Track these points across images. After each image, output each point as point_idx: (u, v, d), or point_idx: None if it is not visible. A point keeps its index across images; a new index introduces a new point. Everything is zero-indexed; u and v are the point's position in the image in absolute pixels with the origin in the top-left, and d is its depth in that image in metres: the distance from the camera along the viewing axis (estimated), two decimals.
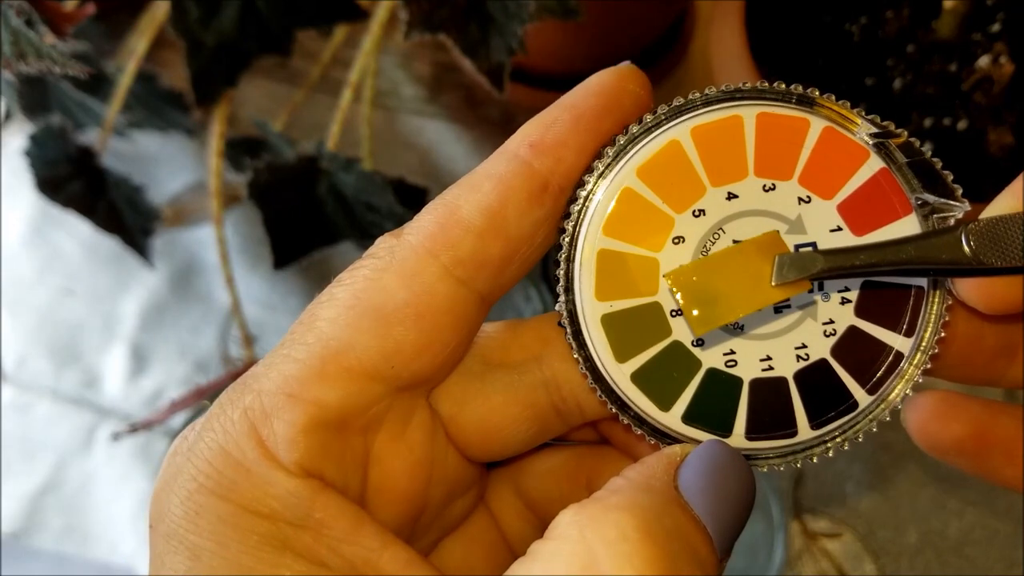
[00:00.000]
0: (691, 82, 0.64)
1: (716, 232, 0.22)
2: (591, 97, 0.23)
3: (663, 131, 0.22)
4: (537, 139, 0.22)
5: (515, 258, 0.22)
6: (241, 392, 0.22)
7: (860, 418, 0.23)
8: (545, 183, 0.22)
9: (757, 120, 0.22)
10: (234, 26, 0.49)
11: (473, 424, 0.24)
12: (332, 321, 0.22)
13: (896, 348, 0.22)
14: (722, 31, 0.45)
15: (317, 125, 0.60)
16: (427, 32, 0.44)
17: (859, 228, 0.22)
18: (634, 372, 0.22)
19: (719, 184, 0.22)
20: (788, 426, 0.23)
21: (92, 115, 0.55)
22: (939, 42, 0.45)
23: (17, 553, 0.54)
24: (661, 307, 0.22)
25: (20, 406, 0.57)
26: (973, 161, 0.44)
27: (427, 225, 0.22)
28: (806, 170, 0.22)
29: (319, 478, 0.21)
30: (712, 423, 0.23)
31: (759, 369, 0.23)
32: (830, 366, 0.23)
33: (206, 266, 0.60)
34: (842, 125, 0.22)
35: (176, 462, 0.22)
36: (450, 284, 0.22)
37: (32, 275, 0.60)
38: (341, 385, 0.21)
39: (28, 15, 0.38)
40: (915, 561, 0.53)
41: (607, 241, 0.22)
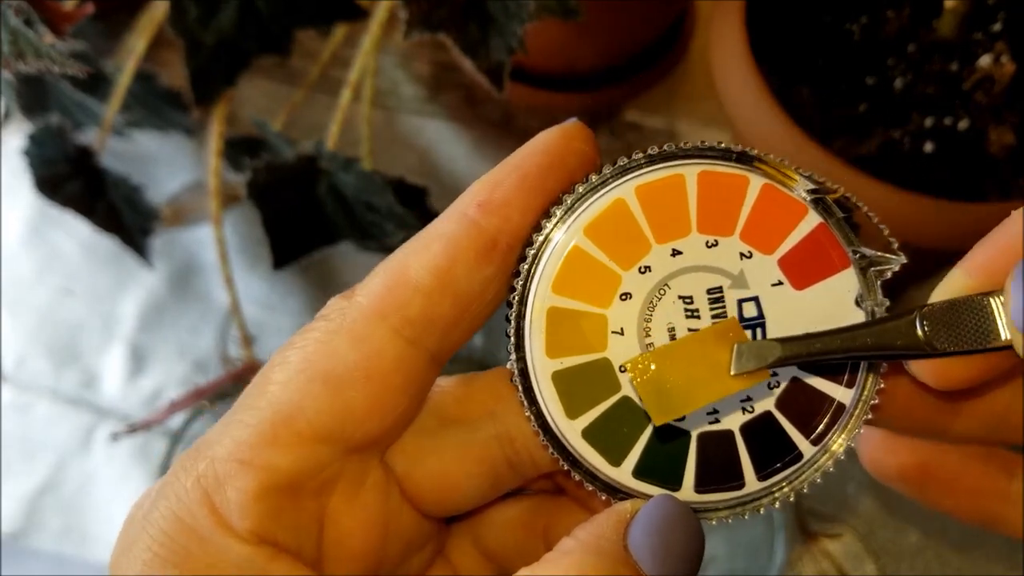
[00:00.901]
0: (691, 82, 0.64)
1: (662, 288, 0.23)
2: (537, 156, 0.23)
3: (608, 190, 0.23)
4: (485, 199, 0.23)
5: (465, 316, 0.23)
6: (195, 459, 0.22)
7: (805, 468, 0.23)
8: (493, 241, 0.22)
9: (699, 178, 0.23)
10: (233, 25, 0.49)
11: (428, 481, 0.24)
12: (283, 385, 0.22)
13: (838, 399, 0.23)
14: (722, 31, 0.45)
15: (316, 125, 0.60)
16: (427, 31, 0.44)
17: (799, 282, 0.23)
18: (585, 428, 0.23)
19: (664, 241, 0.23)
20: (736, 478, 0.23)
21: (91, 115, 0.55)
22: (940, 41, 0.45)
23: (16, 553, 0.54)
24: (610, 363, 0.23)
25: (19, 406, 0.57)
26: (974, 161, 0.44)
27: (377, 287, 0.22)
28: (747, 226, 0.23)
29: (273, 544, 0.22)
30: (662, 477, 0.23)
31: (706, 422, 0.23)
32: (775, 418, 0.23)
33: (205, 266, 0.60)
34: (781, 182, 0.23)
35: (132, 530, 0.22)
36: (399, 345, 0.22)
37: (31, 275, 0.60)
38: (292, 449, 0.22)
39: (27, 14, 0.38)
40: (915, 561, 0.52)
41: (556, 299, 0.23)
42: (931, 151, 0.44)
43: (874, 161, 0.44)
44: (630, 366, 0.23)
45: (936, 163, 0.44)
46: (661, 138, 0.62)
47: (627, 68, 0.62)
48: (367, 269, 0.63)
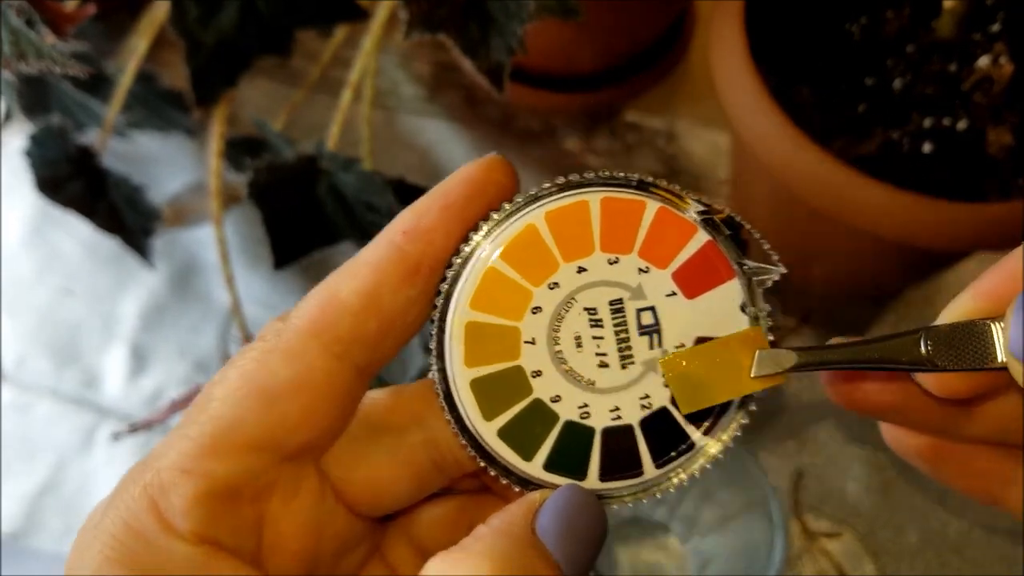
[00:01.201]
0: (691, 82, 0.64)
1: (569, 301, 0.25)
2: (460, 186, 0.25)
3: (521, 216, 0.25)
4: (410, 227, 0.25)
5: (390, 334, 0.25)
6: (141, 471, 0.24)
7: (697, 456, 0.26)
8: (417, 265, 0.25)
9: (601, 204, 0.25)
10: (234, 26, 0.49)
11: (361, 484, 0.26)
12: (223, 400, 0.24)
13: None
14: (721, 31, 0.45)
15: (317, 125, 0.60)
16: (427, 32, 0.44)
17: (690, 292, 0.25)
18: (500, 428, 0.25)
19: (570, 260, 0.25)
20: (636, 467, 0.26)
21: (92, 115, 0.55)
22: (939, 42, 0.45)
23: (16, 553, 0.54)
24: (523, 370, 0.25)
25: (20, 406, 0.57)
26: (973, 161, 0.44)
27: (309, 309, 0.25)
28: (644, 244, 0.25)
29: (214, 543, 0.24)
30: (570, 469, 0.26)
31: (609, 419, 0.26)
32: (670, 413, 0.26)
33: (206, 266, 0.60)
34: (674, 205, 0.25)
35: (85, 538, 0.24)
36: (329, 361, 0.24)
37: (32, 275, 0.60)
38: (231, 459, 0.24)
39: (28, 15, 0.38)
40: (915, 561, 0.53)
41: (473, 314, 0.25)
42: (930, 151, 0.44)
43: (873, 161, 0.44)
44: (663, 363, 0.25)
45: (935, 163, 0.44)
46: (661, 138, 0.62)
47: (627, 68, 0.62)
48: None
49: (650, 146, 0.62)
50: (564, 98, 0.61)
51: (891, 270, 0.53)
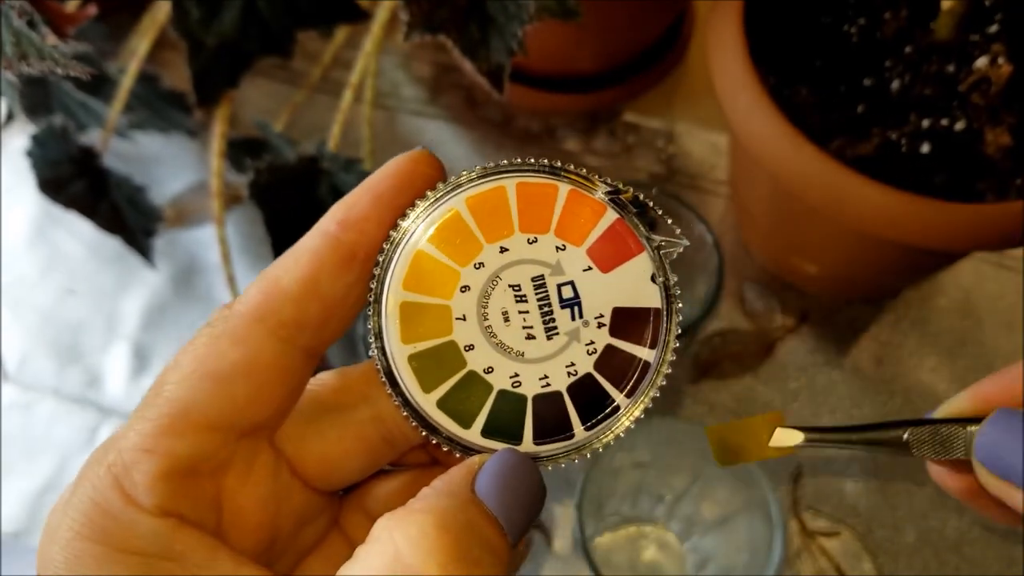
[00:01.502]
0: (690, 83, 0.64)
1: (494, 279, 0.27)
2: (388, 179, 0.27)
3: (444, 203, 0.27)
4: (343, 217, 0.27)
5: (332, 317, 0.26)
6: (104, 452, 0.25)
7: (622, 416, 0.28)
8: (352, 253, 0.26)
9: (517, 188, 0.27)
10: (235, 27, 0.49)
11: (314, 460, 0.28)
12: (178, 384, 0.26)
13: (643, 359, 0.28)
14: (720, 32, 0.45)
15: (318, 126, 0.60)
16: (427, 33, 0.44)
17: (605, 266, 0.27)
18: (439, 399, 0.27)
19: (492, 241, 0.27)
20: (566, 430, 0.28)
21: (94, 116, 0.56)
22: (937, 43, 0.45)
23: (18, 552, 0.54)
24: (456, 344, 0.27)
25: (22, 405, 0.57)
26: (970, 162, 0.44)
27: (254, 296, 0.26)
28: (559, 224, 0.27)
29: (177, 517, 0.25)
30: (506, 434, 0.27)
31: (539, 386, 0.27)
32: (594, 378, 0.28)
33: (207, 266, 0.60)
34: (584, 187, 0.27)
35: (55, 518, 0.25)
36: (275, 344, 0.26)
37: (34, 275, 0.61)
38: (188, 438, 0.25)
39: (30, 16, 0.38)
40: (913, 559, 0.53)
41: (406, 295, 0.27)
42: (928, 152, 0.44)
43: (872, 162, 0.44)
44: (709, 431, 0.31)
45: (933, 164, 0.44)
46: (660, 139, 0.62)
47: (626, 69, 0.62)
48: None
49: (649, 146, 0.62)
50: (564, 99, 0.62)
51: (889, 270, 0.53)
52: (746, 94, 0.44)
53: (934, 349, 0.57)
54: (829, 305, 0.58)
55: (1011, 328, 0.58)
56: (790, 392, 0.56)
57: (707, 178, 0.61)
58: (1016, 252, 0.59)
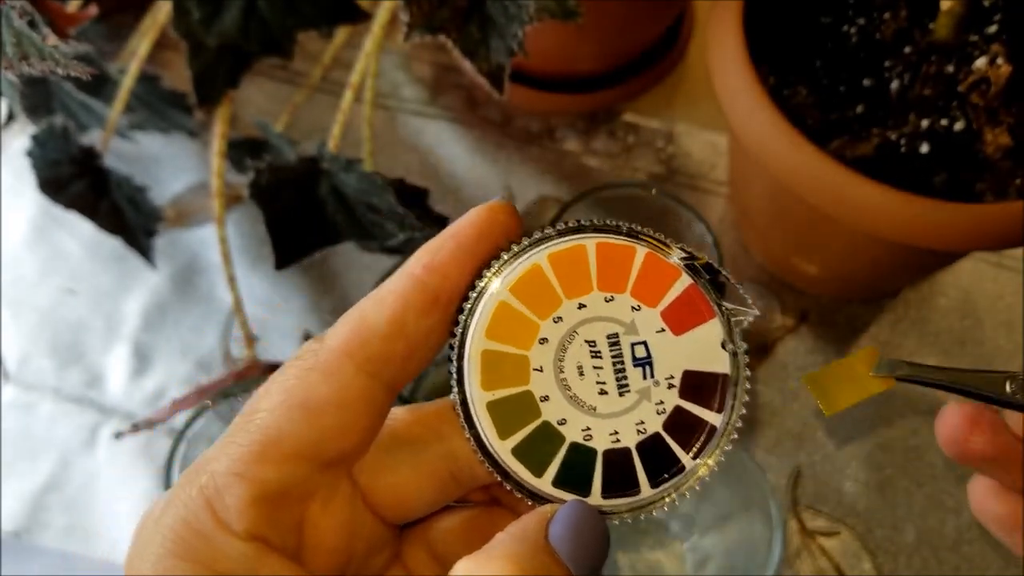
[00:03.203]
0: (690, 83, 0.64)
1: (572, 334, 0.28)
2: (469, 227, 0.28)
3: (528, 257, 0.28)
4: (428, 261, 0.28)
5: (415, 355, 0.28)
6: (197, 473, 0.26)
7: (688, 478, 0.29)
8: (436, 296, 0.27)
9: (597, 248, 0.28)
10: (236, 27, 0.49)
11: (386, 491, 0.29)
12: (269, 412, 0.27)
13: (711, 423, 0.28)
14: (719, 32, 0.45)
15: (318, 126, 0.60)
16: (427, 33, 0.44)
17: (677, 329, 0.28)
18: (514, 447, 0.28)
19: (572, 297, 0.28)
20: (633, 486, 0.28)
21: (95, 116, 0.56)
22: (936, 43, 0.45)
23: (20, 551, 0.54)
24: (533, 394, 0.28)
25: (23, 405, 0.57)
26: (969, 162, 0.44)
27: (343, 332, 0.27)
28: (636, 285, 0.28)
29: (264, 541, 0.26)
30: (575, 486, 0.28)
31: (610, 441, 0.28)
32: (663, 438, 0.28)
33: (208, 266, 0.60)
34: (660, 251, 0.28)
35: (145, 533, 0.26)
36: (363, 379, 0.27)
37: (35, 275, 0.61)
38: (279, 466, 0.26)
39: (31, 16, 0.38)
40: (912, 559, 0.53)
41: (488, 343, 0.28)
42: (927, 152, 0.44)
43: (871, 162, 0.44)
44: (806, 378, 0.31)
45: (932, 164, 0.44)
46: (659, 139, 0.62)
47: (626, 70, 0.62)
48: (368, 269, 0.63)
49: (649, 147, 0.62)
50: (564, 99, 0.62)
51: (888, 270, 0.53)
52: (746, 94, 0.44)
53: (934, 349, 0.57)
54: (829, 305, 0.58)
55: (1011, 328, 0.58)
56: (790, 392, 0.56)
57: (707, 178, 0.61)
58: (1015, 252, 0.59)
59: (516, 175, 0.61)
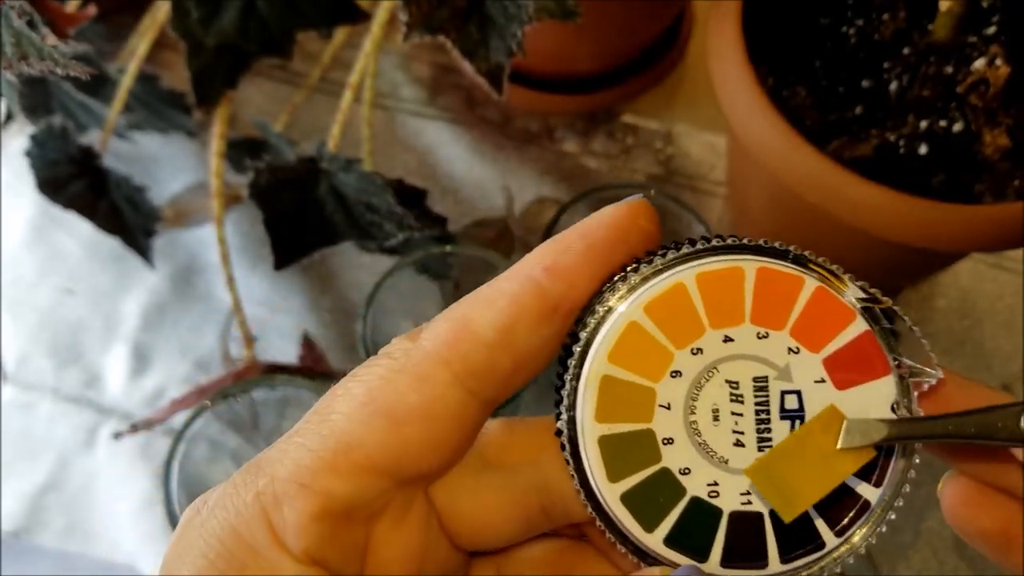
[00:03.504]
0: (689, 84, 0.64)
1: (711, 371, 0.24)
2: (604, 229, 0.24)
3: (671, 273, 0.24)
4: (551, 263, 0.24)
5: (521, 370, 0.24)
6: (255, 475, 0.23)
7: (825, 557, 0.24)
8: (556, 305, 0.24)
9: (757, 273, 0.24)
10: (235, 27, 0.49)
11: (466, 518, 0.25)
12: (346, 416, 0.23)
13: (865, 497, 0.24)
14: (719, 33, 0.45)
15: (317, 126, 0.60)
16: (426, 34, 0.44)
17: (841, 383, 0.24)
18: (624, 492, 0.24)
19: (717, 327, 0.24)
20: (760, 558, 0.24)
21: (93, 116, 0.56)
22: (935, 44, 0.45)
23: (19, 551, 0.54)
24: (654, 434, 0.24)
25: (21, 405, 0.57)
26: (968, 163, 0.44)
27: (442, 334, 0.23)
28: (797, 323, 0.24)
29: (322, 565, 0.23)
30: (691, 548, 0.24)
31: (739, 502, 0.24)
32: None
33: (207, 266, 0.60)
34: (832, 286, 0.24)
35: (189, 535, 0.23)
36: (459, 392, 0.23)
37: (33, 275, 0.61)
38: (350, 479, 0.23)
39: (30, 16, 0.38)
40: (912, 559, 0.53)
41: (610, 368, 0.24)
42: (926, 153, 0.44)
43: (869, 163, 0.44)
44: (751, 471, 0.24)
45: (931, 165, 0.44)
46: (658, 140, 0.62)
47: (625, 70, 0.62)
48: (367, 269, 0.63)
49: (648, 147, 0.62)
50: (562, 100, 0.62)
51: (887, 271, 0.53)
52: (745, 95, 0.44)
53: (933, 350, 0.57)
54: None
55: (1010, 328, 0.58)
56: None
57: (706, 179, 0.61)
58: (1014, 253, 0.59)
59: (515, 176, 0.61)
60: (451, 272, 0.52)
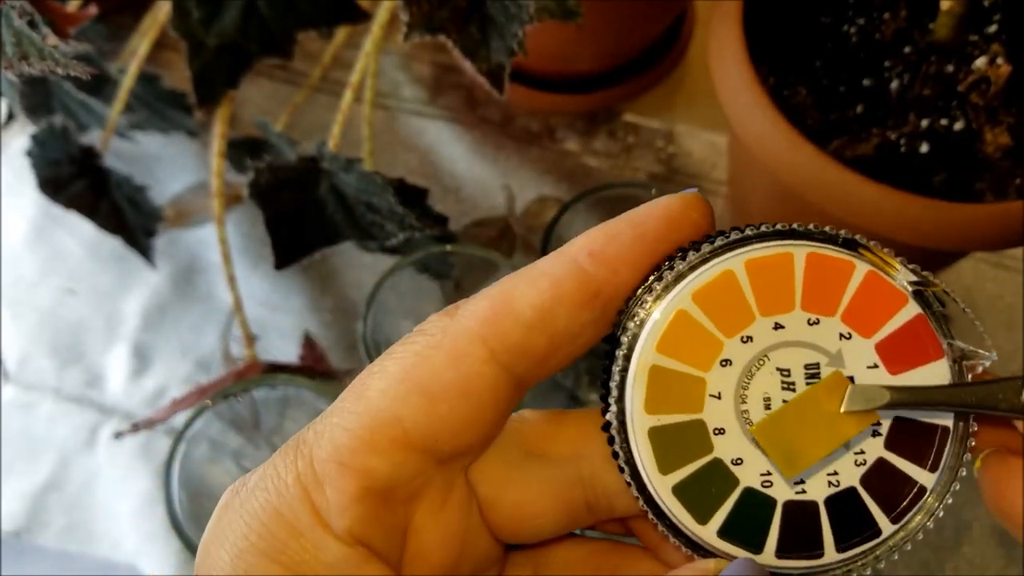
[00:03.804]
0: (690, 83, 0.64)
1: (761, 359, 0.24)
2: (655, 219, 0.24)
3: (720, 261, 0.24)
4: (597, 249, 0.23)
5: (557, 354, 0.24)
6: (294, 456, 0.23)
7: (882, 545, 0.24)
8: (598, 291, 0.23)
9: (807, 259, 0.24)
10: (235, 27, 0.49)
11: (508, 509, 0.25)
12: (382, 393, 0.23)
13: (920, 483, 0.24)
14: (720, 32, 0.45)
15: (318, 126, 0.60)
16: (427, 33, 0.44)
17: (893, 367, 0.24)
18: (675, 485, 0.24)
19: (767, 314, 0.24)
20: (816, 548, 0.24)
21: (94, 116, 0.56)
22: (936, 43, 0.45)
23: (20, 551, 0.54)
24: (705, 425, 0.24)
25: (23, 405, 0.57)
26: (969, 162, 0.44)
27: (481, 310, 0.23)
28: (848, 309, 0.24)
29: (366, 545, 0.22)
30: (745, 539, 0.24)
31: (793, 492, 0.24)
32: (859, 494, 0.24)
33: (208, 266, 0.60)
34: (883, 270, 0.24)
35: (228, 517, 0.23)
36: (495, 369, 0.23)
37: (34, 275, 0.61)
38: (389, 456, 0.23)
39: (31, 16, 0.38)
40: (913, 560, 0.53)
41: (659, 358, 0.23)
42: (927, 152, 0.44)
43: (870, 162, 0.44)
44: (757, 429, 0.24)
45: (932, 164, 0.44)
46: (659, 139, 0.62)
47: (626, 69, 0.62)
48: (368, 269, 0.63)
49: (649, 147, 0.62)
50: (563, 99, 0.62)
51: None
52: (746, 94, 0.44)
53: None
54: None
55: (1011, 328, 0.58)
56: None
57: (707, 178, 0.61)
58: (1015, 252, 0.59)
59: (516, 175, 0.61)
60: (452, 272, 0.52)
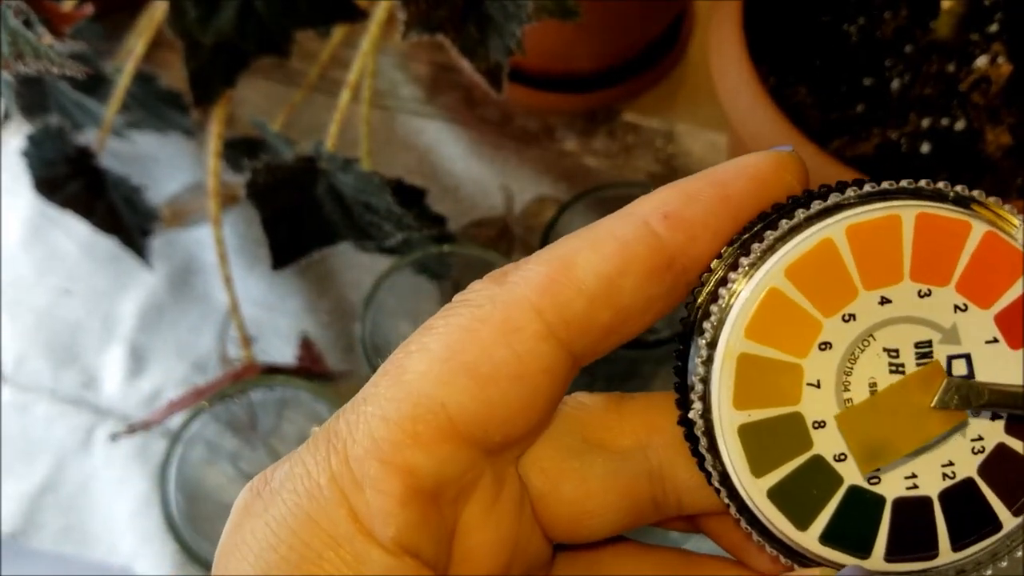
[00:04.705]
0: (690, 83, 0.64)
1: (866, 339, 0.21)
2: (743, 179, 0.21)
3: (816, 229, 0.21)
4: (674, 210, 0.20)
5: (620, 330, 0.21)
6: (326, 452, 0.20)
7: (1003, 540, 0.22)
8: (671, 260, 0.20)
9: (916, 221, 0.21)
10: (232, 27, 0.49)
11: (565, 505, 0.22)
12: (423, 375, 0.20)
13: None
14: (720, 31, 0.45)
15: (315, 125, 0.60)
16: (425, 32, 0.44)
17: (1016, 341, 0.21)
18: (771, 488, 0.21)
19: (872, 288, 0.21)
20: (930, 548, 0.22)
21: (90, 115, 0.56)
22: (937, 42, 0.45)
23: (16, 553, 0.54)
24: (803, 418, 0.21)
25: (18, 406, 0.57)
26: (970, 161, 0.44)
27: (536, 276, 0.20)
28: (964, 276, 0.21)
29: (415, 555, 0.19)
30: (851, 544, 0.21)
31: (903, 487, 0.21)
32: (976, 486, 0.22)
33: (204, 266, 0.60)
34: (1003, 230, 0.21)
35: (250, 524, 0.20)
36: (552, 345, 0.20)
37: (30, 275, 0.60)
38: (435, 450, 0.20)
39: (26, 15, 0.38)
40: None
41: (749, 345, 0.21)
42: (928, 151, 0.44)
43: (871, 161, 0.44)
44: (840, 418, 0.21)
45: (933, 163, 0.44)
46: (659, 139, 0.62)
47: (625, 69, 0.62)
48: (366, 269, 0.63)
49: (649, 146, 0.62)
50: (562, 99, 0.61)
51: None
52: (746, 94, 0.44)
53: None
54: None
55: None
56: None
57: None
58: None
59: (515, 175, 0.61)
60: (450, 272, 0.52)
